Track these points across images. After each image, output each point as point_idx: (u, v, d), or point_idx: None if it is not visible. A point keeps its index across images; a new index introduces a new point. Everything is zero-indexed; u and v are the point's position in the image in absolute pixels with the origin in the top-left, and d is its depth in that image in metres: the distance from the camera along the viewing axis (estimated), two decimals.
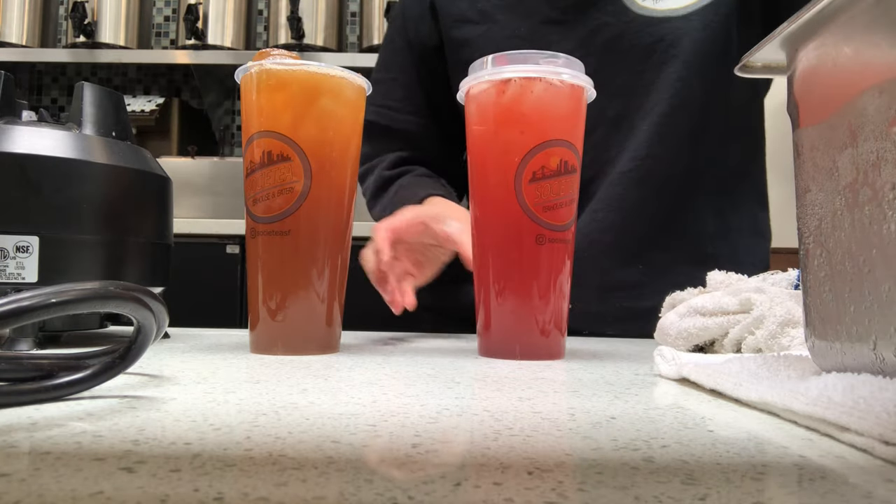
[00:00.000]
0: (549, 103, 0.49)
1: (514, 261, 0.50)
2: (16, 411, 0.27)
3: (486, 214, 0.52)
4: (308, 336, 0.50)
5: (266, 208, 0.49)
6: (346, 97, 0.52)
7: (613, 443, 0.24)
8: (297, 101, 0.50)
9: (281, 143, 0.48)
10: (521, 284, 0.49)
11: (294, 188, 0.48)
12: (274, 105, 0.49)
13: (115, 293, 0.28)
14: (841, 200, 0.30)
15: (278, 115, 0.49)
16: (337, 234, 0.51)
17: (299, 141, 0.48)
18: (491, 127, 0.50)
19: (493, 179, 0.50)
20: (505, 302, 0.50)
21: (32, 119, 0.51)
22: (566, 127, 0.50)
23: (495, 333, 0.51)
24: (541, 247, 0.49)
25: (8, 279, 0.46)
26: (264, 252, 0.49)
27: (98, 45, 2.06)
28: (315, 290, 0.50)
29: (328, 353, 0.50)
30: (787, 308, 0.46)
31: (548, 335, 0.50)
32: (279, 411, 0.28)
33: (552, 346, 0.50)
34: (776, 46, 0.34)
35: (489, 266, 0.51)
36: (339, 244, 0.52)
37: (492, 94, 0.50)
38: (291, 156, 0.48)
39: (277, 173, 0.48)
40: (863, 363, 0.28)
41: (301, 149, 0.48)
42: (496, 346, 0.50)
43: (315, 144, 0.49)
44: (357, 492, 0.18)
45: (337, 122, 0.51)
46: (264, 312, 0.49)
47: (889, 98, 0.26)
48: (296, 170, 0.48)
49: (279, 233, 0.49)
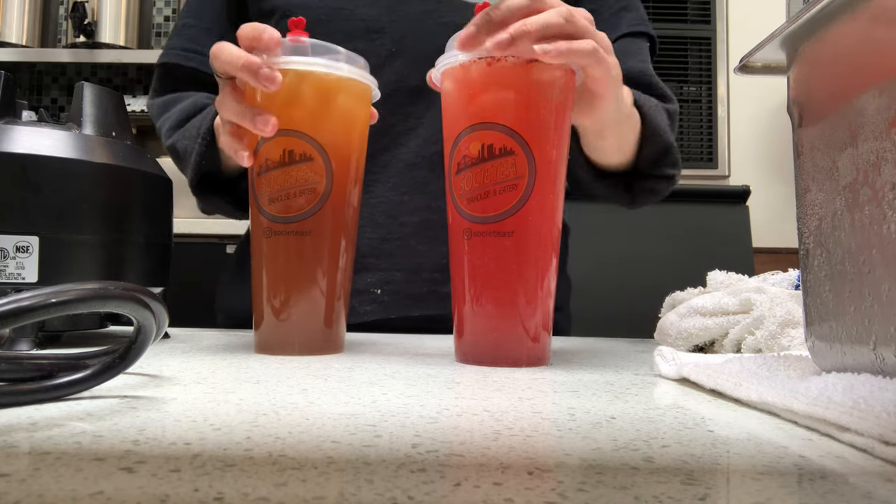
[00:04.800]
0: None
1: (455, 260, 0.47)
2: (16, 411, 0.27)
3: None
4: (323, 335, 0.50)
5: (285, 208, 0.48)
6: (363, 97, 0.52)
7: (613, 443, 0.24)
8: (319, 100, 0.49)
9: (303, 142, 0.48)
10: (458, 284, 0.47)
11: (316, 189, 0.48)
12: (294, 103, 0.48)
13: (115, 293, 0.28)
14: (841, 200, 0.30)
15: (299, 113, 0.48)
16: (352, 233, 0.52)
17: (322, 141, 0.48)
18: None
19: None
20: (477, 305, 0.46)
21: (32, 119, 0.51)
22: (487, 108, 0.45)
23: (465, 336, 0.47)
24: (468, 241, 0.45)
25: (8, 279, 0.46)
26: (281, 252, 0.49)
27: (98, 45, 2.06)
28: (332, 289, 0.50)
29: (338, 353, 0.50)
30: (787, 308, 0.46)
31: (461, 335, 0.47)
32: (279, 411, 0.28)
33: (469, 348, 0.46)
34: (776, 46, 0.34)
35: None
36: (352, 244, 0.52)
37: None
38: (314, 156, 0.48)
39: (300, 173, 0.48)
40: (863, 363, 0.28)
41: (323, 149, 0.48)
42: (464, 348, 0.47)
43: (336, 145, 0.49)
44: (357, 492, 0.18)
45: (354, 122, 0.51)
46: (275, 312, 0.49)
47: (889, 98, 0.26)
48: (318, 170, 0.48)
49: (300, 233, 0.48)
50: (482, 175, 0.44)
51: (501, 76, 0.45)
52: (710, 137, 2.12)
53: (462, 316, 0.47)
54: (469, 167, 0.45)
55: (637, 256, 1.42)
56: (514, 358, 0.45)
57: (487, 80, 0.45)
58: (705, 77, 2.13)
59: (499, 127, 0.44)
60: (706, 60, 2.13)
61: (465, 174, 0.45)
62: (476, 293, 0.45)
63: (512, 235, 0.44)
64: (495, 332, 0.45)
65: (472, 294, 0.46)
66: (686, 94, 2.14)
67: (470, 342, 0.46)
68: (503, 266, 0.45)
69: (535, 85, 0.45)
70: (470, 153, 0.45)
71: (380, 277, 0.72)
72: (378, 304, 0.72)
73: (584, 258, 1.38)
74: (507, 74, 0.45)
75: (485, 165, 0.44)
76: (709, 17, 2.14)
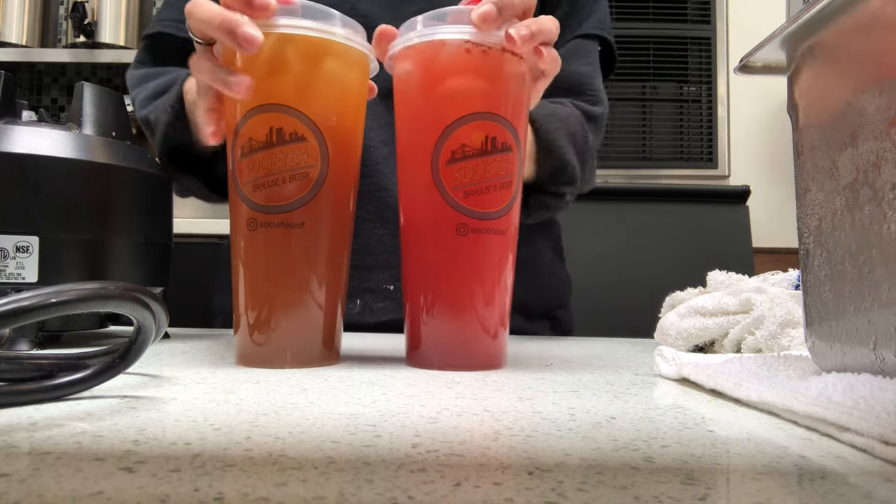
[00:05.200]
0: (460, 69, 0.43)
1: (450, 259, 0.43)
2: (16, 411, 0.27)
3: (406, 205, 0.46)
4: (317, 345, 0.43)
5: (273, 196, 0.42)
6: (360, 66, 0.46)
7: (613, 443, 0.24)
8: (310, 69, 0.43)
9: (294, 119, 0.42)
10: (439, 283, 0.43)
11: (309, 174, 0.42)
12: (281, 72, 0.42)
13: (114, 293, 0.28)
14: (841, 200, 0.30)
15: (287, 84, 0.42)
16: (349, 226, 0.46)
17: (316, 118, 0.42)
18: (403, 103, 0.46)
19: (410, 162, 0.45)
20: (432, 306, 0.43)
21: (32, 119, 0.51)
22: (488, 98, 0.43)
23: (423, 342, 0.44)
24: (463, 238, 0.43)
25: (8, 279, 0.46)
26: (266, 246, 0.42)
27: (98, 45, 2.06)
28: (328, 290, 0.44)
29: (333, 364, 0.44)
30: (787, 308, 0.46)
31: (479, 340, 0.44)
32: (279, 411, 0.28)
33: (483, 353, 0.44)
34: (776, 46, 0.34)
35: (408, 265, 0.45)
36: (350, 238, 0.46)
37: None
38: (307, 135, 0.42)
39: (290, 155, 0.42)
40: (863, 363, 0.28)
41: (318, 127, 0.42)
42: (420, 354, 0.44)
43: (332, 122, 0.43)
44: (357, 492, 0.18)
45: (351, 96, 0.45)
46: (259, 319, 0.42)
47: (889, 98, 0.26)
48: (311, 152, 0.42)
49: (289, 224, 0.42)
50: (483, 168, 0.42)
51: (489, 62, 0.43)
52: (710, 137, 2.12)
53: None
54: (469, 158, 0.42)
55: (637, 256, 1.42)
56: (472, 358, 0.43)
57: (478, 67, 0.43)
58: (705, 77, 2.13)
59: (501, 119, 0.43)
60: (706, 60, 2.13)
61: (462, 164, 0.42)
62: (475, 292, 0.44)
63: (505, 233, 0.44)
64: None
65: (481, 293, 0.44)
66: (686, 94, 2.14)
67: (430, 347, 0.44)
68: (501, 263, 0.44)
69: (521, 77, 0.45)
70: (472, 143, 0.42)
71: (392, 274, 0.72)
72: (392, 300, 0.72)
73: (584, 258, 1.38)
74: (497, 63, 0.43)
75: (486, 159, 0.42)
76: (709, 17, 2.14)
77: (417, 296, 0.44)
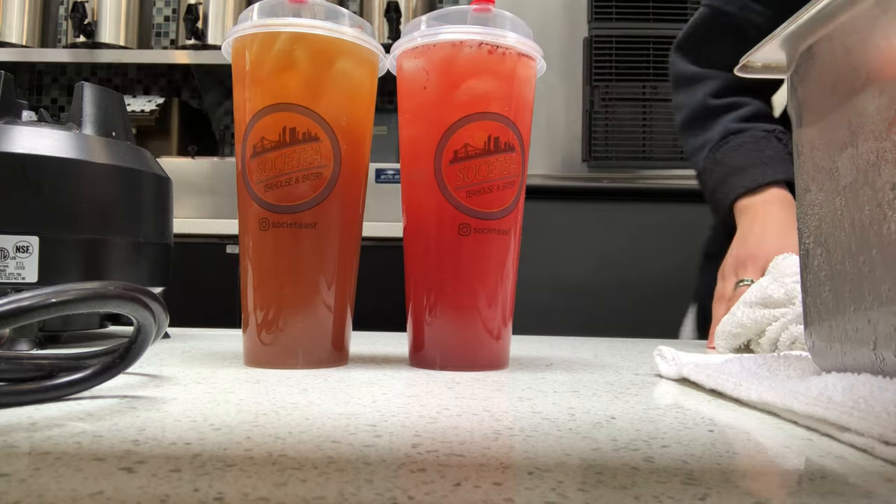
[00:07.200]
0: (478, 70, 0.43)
1: (448, 259, 0.43)
2: (16, 411, 0.27)
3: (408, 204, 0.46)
4: (328, 346, 0.43)
5: (285, 195, 0.42)
6: (370, 65, 0.46)
7: (613, 443, 0.24)
8: (320, 70, 0.43)
9: (306, 118, 0.42)
10: (442, 284, 0.43)
11: (322, 174, 0.42)
12: (294, 73, 0.42)
13: (115, 293, 0.28)
14: (841, 200, 0.30)
15: (299, 85, 0.42)
16: (358, 226, 0.46)
17: (328, 118, 0.42)
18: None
19: (415, 160, 0.45)
20: (434, 306, 0.43)
21: (32, 119, 0.51)
22: (498, 98, 0.43)
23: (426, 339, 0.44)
24: (465, 238, 0.43)
25: (8, 279, 0.46)
26: (278, 246, 0.42)
27: (98, 45, 2.06)
28: (339, 290, 0.44)
29: (342, 365, 0.44)
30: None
31: (490, 341, 0.44)
32: (279, 411, 0.28)
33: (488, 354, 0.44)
34: (776, 46, 0.34)
35: (410, 265, 0.45)
36: (359, 238, 0.46)
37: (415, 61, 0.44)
38: (320, 135, 0.42)
39: (303, 155, 0.42)
40: (863, 363, 0.28)
41: (330, 127, 0.42)
42: (421, 354, 0.44)
43: (344, 122, 0.43)
44: (357, 492, 0.18)
45: (363, 96, 0.46)
46: (267, 319, 0.42)
47: (889, 98, 0.26)
48: (325, 151, 0.42)
49: (300, 225, 0.42)
50: (486, 168, 0.42)
51: (495, 64, 0.43)
52: None
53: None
54: (471, 158, 0.42)
55: (637, 256, 1.42)
56: (476, 359, 0.43)
57: (483, 67, 0.43)
58: None
59: (504, 119, 0.43)
60: None
61: (465, 164, 0.42)
62: (478, 292, 0.44)
63: (508, 234, 0.44)
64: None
65: (483, 293, 0.44)
66: None
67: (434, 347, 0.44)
68: (504, 264, 0.44)
69: (525, 78, 0.45)
70: (475, 143, 0.42)
71: None
72: None
73: (584, 258, 1.38)
74: (501, 64, 0.43)
75: (489, 158, 0.42)
76: None
77: (420, 296, 0.44)
